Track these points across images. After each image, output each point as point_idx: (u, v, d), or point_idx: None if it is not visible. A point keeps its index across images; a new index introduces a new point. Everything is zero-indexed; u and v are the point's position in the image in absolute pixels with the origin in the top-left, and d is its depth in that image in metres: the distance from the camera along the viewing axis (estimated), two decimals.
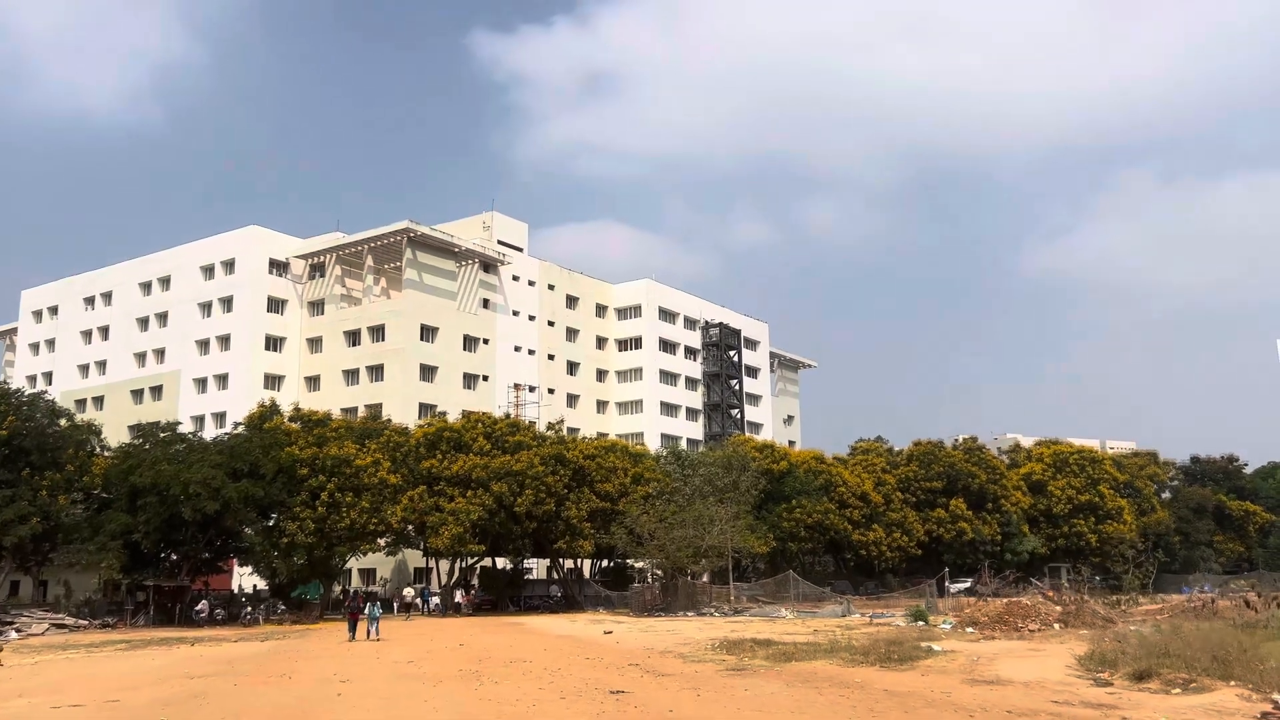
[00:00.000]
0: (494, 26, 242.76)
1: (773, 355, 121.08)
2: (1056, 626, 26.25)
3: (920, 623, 31.67)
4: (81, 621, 45.51)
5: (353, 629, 32.83)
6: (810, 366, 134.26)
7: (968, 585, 75.13)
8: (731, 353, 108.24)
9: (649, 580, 60.92)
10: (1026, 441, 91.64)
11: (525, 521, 53.36)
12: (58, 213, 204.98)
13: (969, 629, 27.10)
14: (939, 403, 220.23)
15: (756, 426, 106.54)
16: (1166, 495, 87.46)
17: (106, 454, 49.97)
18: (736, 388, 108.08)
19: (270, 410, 51.79)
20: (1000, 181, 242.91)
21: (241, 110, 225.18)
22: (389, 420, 62.50)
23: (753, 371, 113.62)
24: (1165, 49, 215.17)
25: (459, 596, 51.65)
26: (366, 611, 33.63)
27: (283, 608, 50.76)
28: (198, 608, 46.58)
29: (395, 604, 55.74)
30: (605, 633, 32.86)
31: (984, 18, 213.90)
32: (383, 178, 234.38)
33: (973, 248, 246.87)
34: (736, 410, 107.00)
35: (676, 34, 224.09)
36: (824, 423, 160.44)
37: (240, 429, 50.94)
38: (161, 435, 48.53)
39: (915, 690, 14.47)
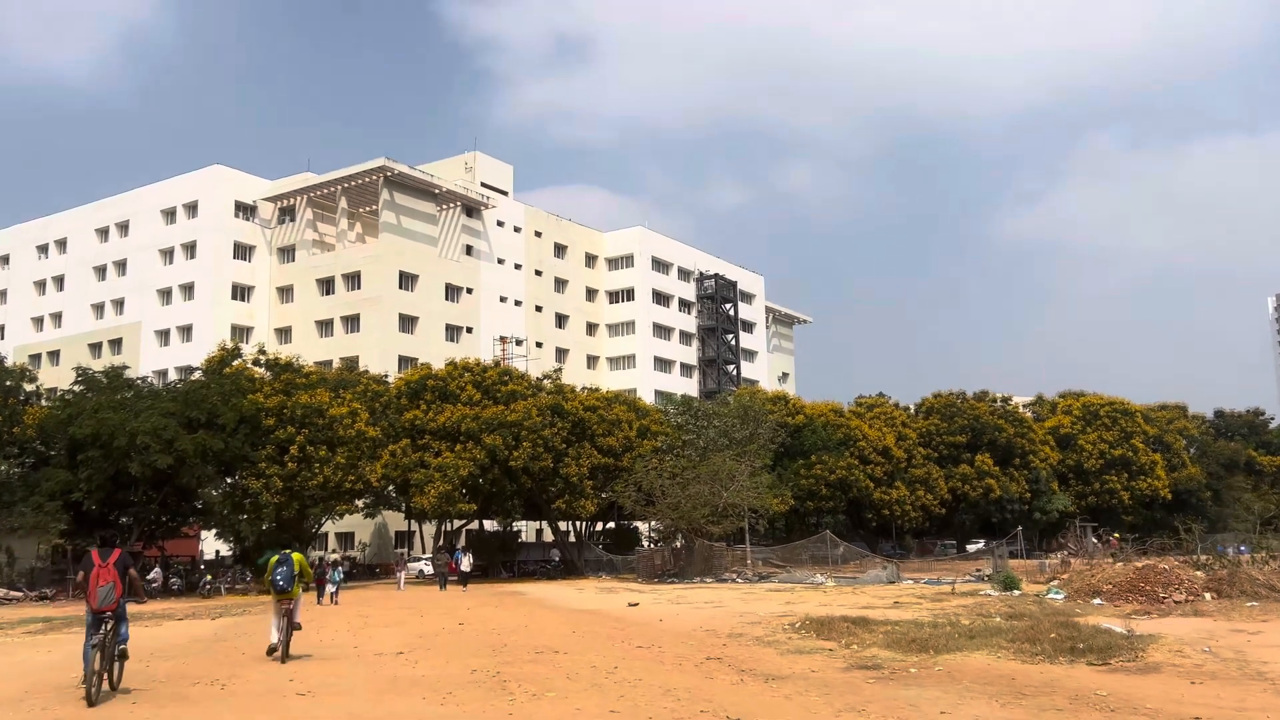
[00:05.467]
0: None
1: (767, 310, 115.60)
2: (1208, 597, 20.97)
3: (1014, 591, 26.32)
4: (15, 593, 39.64)
5: (321, 594, 33.04)
6: (805, 322, 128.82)
7: (981, 546, 70.29)
8: (727, 306, 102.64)
9: (654, 543, 55.59)
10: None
11: (521, 478, 47.75)
12: (5, 157, 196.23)
13: (1095, 600, 21.77)
14: (922, 364, 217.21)
15: (752, 384, 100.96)
16: (1193, 451, 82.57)
17: (45, 404, 43.83)
18: (732, 343, 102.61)
19: (231, 354, 45.75)
20: (973, 146, 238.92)
21: (208, 63, 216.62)
22: (365, 371, 56.67)
23: (748, 326, 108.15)
24: (1137, 11, 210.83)
25: (465, 563, 42.59)
26: (329, 577, 33.91)
27: (249, 576, 45.02)
28: (149, 577, 40.78)
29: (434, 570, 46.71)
30: (630, 605, 27.35)
31: None
32: (356, 123, 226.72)
33: (949, 212, 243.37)
34: (732, 366, 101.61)
35: None
36: (815, 381, 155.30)
37: (197, 375, 44.95)
38: (106, 381, 42.38)
39: None
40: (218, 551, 53.03)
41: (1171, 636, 14.93)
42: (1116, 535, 49.19)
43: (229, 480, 43.67)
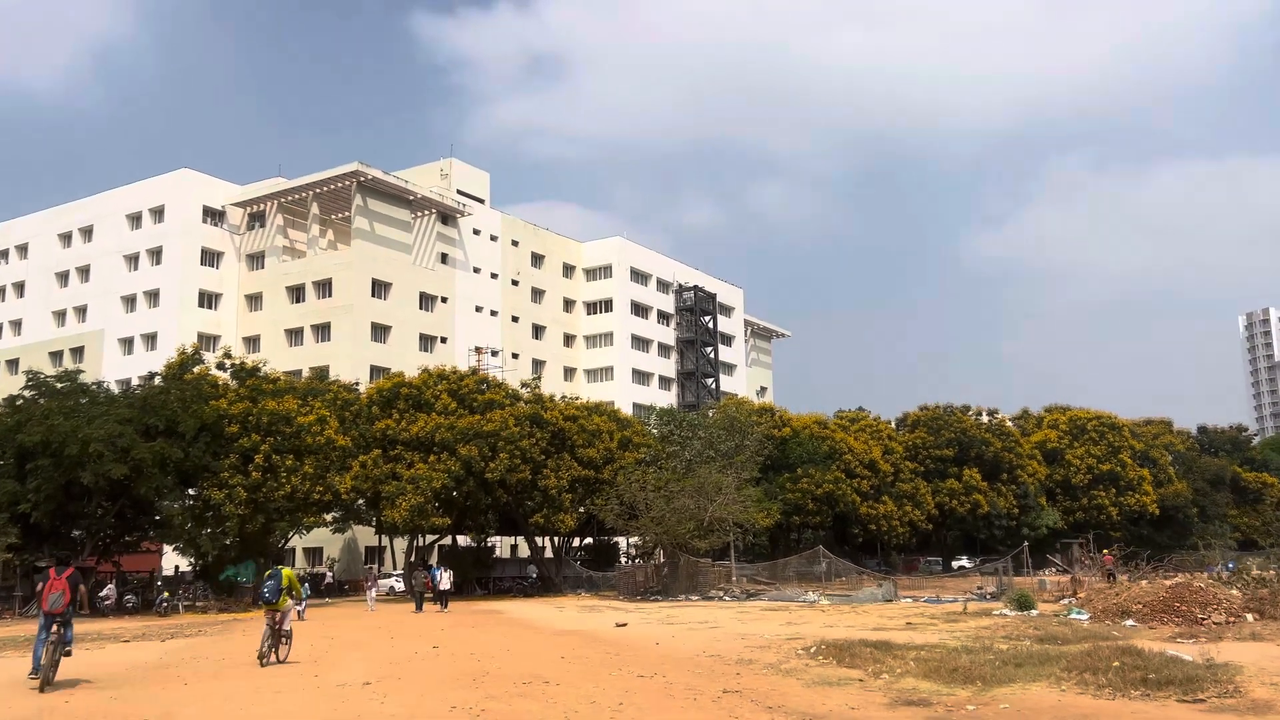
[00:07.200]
0: (434, 9, 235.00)
1: (746, 323, 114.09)
2: (1249, 618, 19.38)
3: (1031, 611, 24.62)
4: None
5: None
6: (784, 336, 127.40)
7: (964, 563, 68.73)
8: (706, 318, 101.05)
9: (633, 559, 53.67)
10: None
11: (497, 491, 45.73)
12: None
13: (1127, 621, 20.11)
14: (895, 379, 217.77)
15: (731, 397, 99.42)
16: (1178, 467, 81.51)
17: None
18: (711, 355, 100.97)
19: (193, 359, 43.53)
20: (943, 167, 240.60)
21: (180, 72, 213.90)
22: (337, 379, 54.45)
23: (727, 339, 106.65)
24: (1104, 37, 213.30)
25: (445, 580, 38.96)
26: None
27: (210, 593, 42.71)
28: (103, 594, 38.48)
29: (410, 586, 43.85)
30: (618, 625, 25.43)
31: (931, 3, 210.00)
32: (330, 135, 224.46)
33: (919, 231, 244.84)
34: (711, 379, 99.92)
35: (621, 16, 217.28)
36: (792, 396, 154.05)
37: (156, 380, 42.66)
38: (58, 386, 40.03)
39: None
40: (177, 567, 50.59)
41: (1252, 665, 13.23)
42: (1108, 552, 47.33)
43: (189, 491, 41.40)
